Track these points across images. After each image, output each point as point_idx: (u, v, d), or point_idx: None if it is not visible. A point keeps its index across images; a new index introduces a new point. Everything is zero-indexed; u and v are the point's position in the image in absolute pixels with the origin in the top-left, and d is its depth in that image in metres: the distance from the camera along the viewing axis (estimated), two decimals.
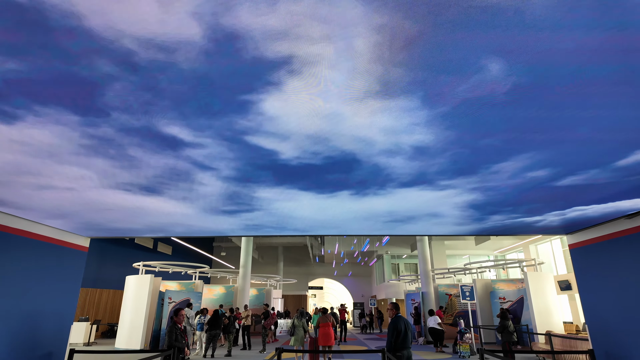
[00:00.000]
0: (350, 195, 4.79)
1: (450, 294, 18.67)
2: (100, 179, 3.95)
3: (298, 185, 4.41)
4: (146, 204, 4.73)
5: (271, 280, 24.56)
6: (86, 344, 14.86)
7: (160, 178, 4.01)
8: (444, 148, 3.37)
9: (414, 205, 5.21)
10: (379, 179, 4.15)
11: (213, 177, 4.01)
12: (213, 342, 11.13)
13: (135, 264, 15.26)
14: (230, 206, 5.03)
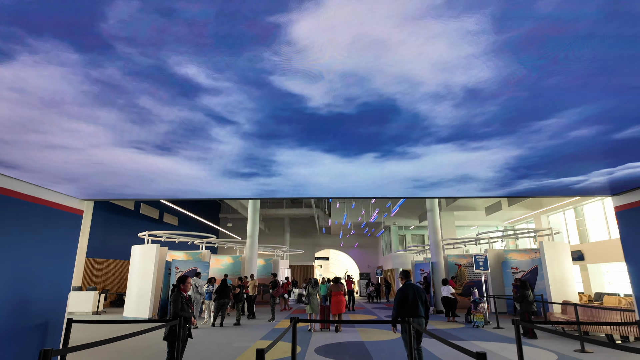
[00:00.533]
0: (374, 158, 4.31)
1: (460, 264, 18.42)
2: (110, 135, 3.46)
3: (322, 146, 3.93)
4: (159, 165, 4.27)
5: (278, 250, 24.48)
6: (95, 313, 14.87)
7: (174, 135, 3.52)
8: (500, 91, 2.79)
9: (443, 169, 4.68)
10: (414, 133, 3.60)
11: (232, 133, 3.50)
12: (222, 311, 10.95)
13: (141, 233, 15.01)
14: (248, 168, 4.58)
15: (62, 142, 3.60)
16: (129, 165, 4.23)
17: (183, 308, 4.45)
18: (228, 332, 9.60)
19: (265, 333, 9.49)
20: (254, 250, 16.52)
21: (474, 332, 9.75)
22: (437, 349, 7.44)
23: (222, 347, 7.58)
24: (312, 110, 3.10)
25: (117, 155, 3.94)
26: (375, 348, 7.46)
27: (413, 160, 4.39)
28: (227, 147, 3.84)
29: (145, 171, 4.44)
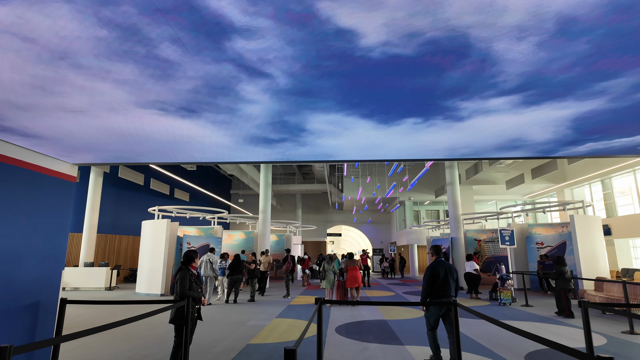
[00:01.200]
0: (413, 124, 3.81)
1: (480, 239, 17.78)
2: (129, 93, 2.96)
3: (361, 110, 3.41)
4: (180, 130, 3.81)
5: (290, 226, 24.09)
6: (107, 289, 14.73)
7: (198, 94, 3.02)
8: (600, 20, 2.06)
9: (492, 131, 3.97)
10: (478, 83, 2.93)
11: (263, 90, 2.98)
12: (235, 287, 10.55)
13: (151, 208, 14.61)
14: (274, 134, 4.06)
15: (77, 105, 3.12)
16: (144, 130, 3.69)
17: (192, 287, 3.88)
18: (242, 309, 9.20)
19: (281, 310, 9.06)
20: (266, 225, 16.07)
21: (503, 310, 9.16)
22: (473, 330, 6.86)
23: (236, 325, 7.13)
24: (362, 53, 2.47)
25: (135, 119, 3.45)
26: (399, 327, 6.93)
27: (458, 124, 3.72)
28: (256, 108, 3.33)
29: (160, 136, 3.89)
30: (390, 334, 6.41)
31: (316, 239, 31.47)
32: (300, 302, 10.69)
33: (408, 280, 19.66)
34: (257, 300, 11.07)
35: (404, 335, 6.24)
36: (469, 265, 11.45)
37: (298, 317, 8.11)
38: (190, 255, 4.08)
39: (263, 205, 16.15)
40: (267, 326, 7.04)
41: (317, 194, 34.24)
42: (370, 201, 27.28)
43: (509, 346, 5.60)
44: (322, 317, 3.84)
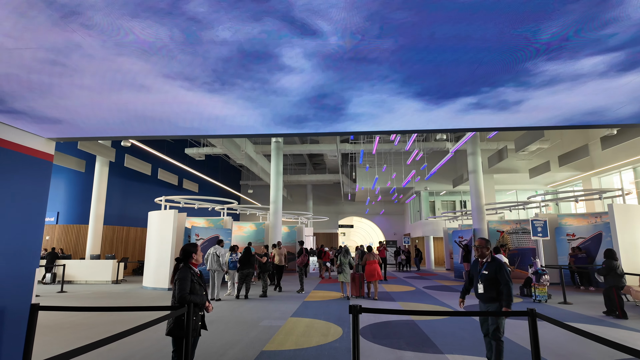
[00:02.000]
0: (468, 106, 3.11)
1: (503, 230, 16.82)
2: (148, 61, 2.42)
3: (415, 88, 2.85)
4: (201, 106, 3.19)
5: (302, 217, 23.38)
6: (114, 282, 14.20)
7: (227, 64, 2.49)
8: None
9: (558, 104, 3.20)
10: (586, 35, 2.15)
11: (310, 55, 2.40)
12: (246, 282, 9.86)
13: (157, 198, 13.97)
14: (308, 115, 3.40)
15: (87, 83, 2.55)
16: (152, 105, 2.98)
17: (194, 289, 3.11)
18: (254, 306, 8.49)
19: (296, 307, 8.32)
20: (277, 216, 15.34)
21: (540, 308, 8.29)
22: (518, 333, 6.01)
23: (248, 326, 6.40)
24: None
25: (150, 93, 2.83)
26: (432, 330, 6.12)
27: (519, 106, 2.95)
28: (295, 80, 2.72)
29: (170, 111, 3.18)
30: (423, 338, 5.61)
31: (327, 231, 30.78)
32: (316, 297, 9.95)
33: (425, 274, 18.83)
34: (269, 295, 10.37)
35: (440, 341, 5.43)
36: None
37: (315, 315, 7.36)
38: (188, 250, 3.29)
39: (274, 196, 15.41)
40: (283, 327, 6.30)
41: (329, 185, 33.45)
42: (385, 192, 26.39)
43: (570, 356, 4.76)
44: (358, 328, 3.04)
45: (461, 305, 4.31)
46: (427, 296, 10.37)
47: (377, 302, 9.11)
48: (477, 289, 3.98)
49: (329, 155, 20.03)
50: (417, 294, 10.78)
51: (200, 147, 19.87)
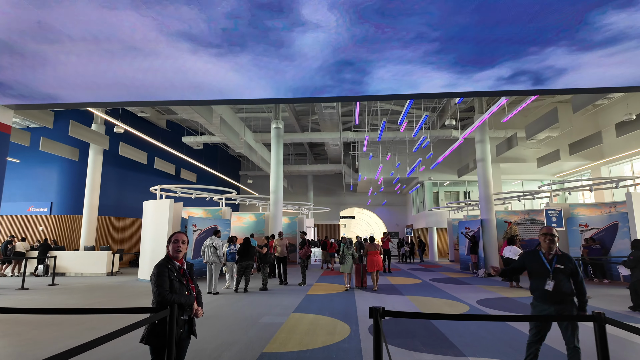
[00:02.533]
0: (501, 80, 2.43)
1: (510, 221, 16.30)
2: (144, 20, 1.98)
3: (448, 56, 2.41)
4: (203, 71, 2.57)
5: (303, 208, 22.85)
6: (109, 274, 13.71)
7: (239, 19, 2.01)
8: None
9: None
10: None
11: (332, 4, 1.92)
12: (245, 274, 9.34)
13: (153, 187, 13.41)
14: (326, 85, 2.78)
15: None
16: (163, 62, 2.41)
17: (173, 287, 2.55)
18: (254, 300, 7.97)
19: (299, 302, 7.80)
20: (278, 207, 14.79)
21: None
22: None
23: (247, 323, 5.87)
24: None
25: (150, 53, 2.20)
26: (448, 328, 5.60)
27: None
28: (316, 38, 2.24)
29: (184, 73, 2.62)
30: (441, 338, 5.08)
31: (328, 222, 30.29)
32: (319, 291, 9.44)
33: (429, 265, 18.35)
34: (270, 288, 9.86)
35: (459, 341, 4.90)
36: (510, 250, 10.04)
37: (320, 311, 6.83)
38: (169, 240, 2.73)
39: (274, 185, 14.83)
40: (285, 325, 5.77)
41: (330, 175, 32.87)
42: (388, 182, 25.82)
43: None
44: (381, 333, 2.49)
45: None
46: (436, 289, 9.87)
47: (383, 296, 8.61)
48: (543, 286, 3.26)
49: (331, 144, 19.44)
50: (425, 287, 10.27)
51: (197, 136, 19.25)
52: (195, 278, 2.87)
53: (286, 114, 19.99)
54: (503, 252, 10.36)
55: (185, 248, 2.74)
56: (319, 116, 16.88)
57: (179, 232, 2.81)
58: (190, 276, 2.76)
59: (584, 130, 19.41)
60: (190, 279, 2.75)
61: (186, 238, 2.77)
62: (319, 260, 20.02)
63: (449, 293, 9.19)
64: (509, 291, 9.46)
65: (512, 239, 10.07)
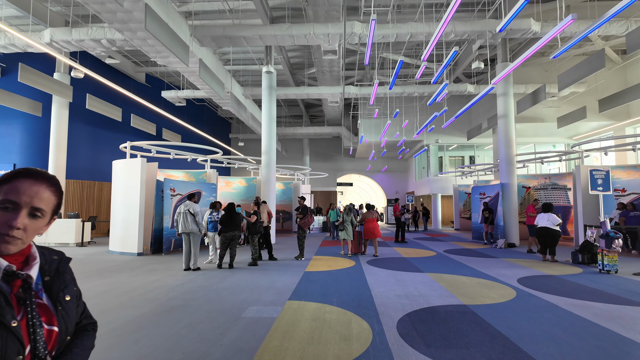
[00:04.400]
0: None
1: (529, 186, 14.72)
2: None
3: None
4: None
5: (298, 173, 21.07)
6: (79, 245, 12.02)
7: None
8: None
9: None
10: None
11: None
12: (231, 247, 7.66)
13: (122, 145, 11.48)
14: None
15: None
16: None
17: None
18: (240, 280, 6.32)
19: (295, 282, 6.16)
20: (270, 170, 12.97)
21: (613, 281, 6.21)
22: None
23: (225, 319, 4.21)
24: None
25: None
26: (500, 321, 3.99)
27: None
28: None
29: None
30: (498, 338, 3.46)
31: (325, 189, 28.64)
32: (320, 266, 7.82)
33: (435, 234, 16.91)
34: (260, 264, 8.23)
35: (530, 345, 3.26)
36: (547, 219, 8.41)
37: (324, 297, 5.19)
38: None
39: (266, 145, 12.94)
40: (278, 321, 4.11)
41: (327, 139, 30.89)
42: (391, 145, 23.96)
43: None
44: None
45: None
46: (458, 264, 8.31)
47: (399, 273, 7.01)
48: None
49: (330, 101, 17.39)
50: (444, 261, 8.70)
51: (179, 90, 17.05)
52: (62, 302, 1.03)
53: (280, 67, 17.76)
54: (536, 221, 8.75)
55: (36, 228, 0.95)
56: (318, 67, 14.75)
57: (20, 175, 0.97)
58: (30, 298, 0.93)
59: (609, 87, 17.50)
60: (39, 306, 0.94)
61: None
62: (316, 229, 18.51)
63: (476, 269, 7.63)
64: (545, 266, 7.92)
65: (547, 206, 8.38)
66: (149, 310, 4.53)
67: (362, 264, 8.28)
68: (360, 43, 14.46)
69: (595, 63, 10.03)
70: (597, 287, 5.83)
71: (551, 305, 4.75)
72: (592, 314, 4.36)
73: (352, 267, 7.72)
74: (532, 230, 10.23)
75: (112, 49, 11.73)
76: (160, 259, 8.96)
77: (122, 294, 5.38)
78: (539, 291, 5.57)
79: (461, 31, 11.08)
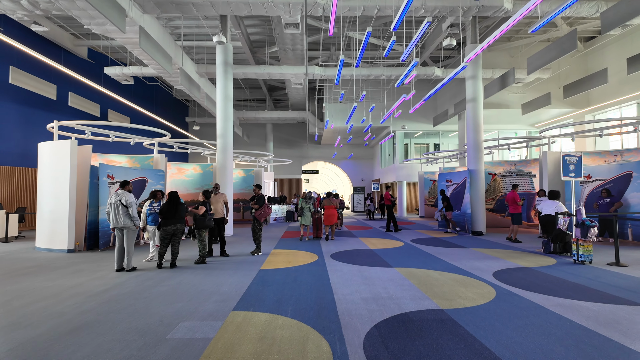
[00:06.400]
0: None
1: (495, 173, 14.52)
2: None
3: None
4: None
5: (260, 160, 19.93)
6: (2, 240, 10.41)
7: None
8: None
9: None
10: None
11: None
12: (173, 243, 6.58)
13: (50, 125, 9.94)
14: None
15: None
16: None
17: None
18: (179, 284, 5.31)
19: (246, 285, 5.25)
20: (227, 155, 11.83)
21: (588, 272, 5.80)
22: None
23: (151, 338, 3.26)
24: None
25: None
26: (484, 331, 3.30)
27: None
28: None
29: None
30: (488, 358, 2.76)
31: (290, 176, 27.66)
32: (278, 262, 6.94)
33: (401, 222, 16.49)
34: (209, 261, 7.22)
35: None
36: (553, 206, 7.90)
37: (278, 304, 4.33)
38: None
39: (222, 127, 11.76)
40: (213, 342, 3.20)
41: (292, 125, 29.80)
42: (356, 132, 23.31)
43: None
44: None
45: None
46: (427, 256, 7.71)
47: (367, 269, 6.27)
48: None
49: (294, 82, 16.31)
50: (412, 253, 8.09)
51: (124, 67, 15.32)
52: None
53: (238, 44, 16.42)
54: (540, 207, 8.37)
55: None
56: (280, 44, 13.62)
57: None
58: None
59: (571, 75, 17.65)
60: None
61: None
62: (280, 218, 17.59)
63: (447, 261, 7.05)
64: (517, 257, 7.48)
65: (554, 193, 7.86)
66: (46, 331, 3.48)
67: (325, 258, 7.49)
68: (325, 17, 13.44)
69: (566, 44, 9.66)
70: (578, 282, 5.35)
71: (537, 307, 4.15)
72: (584, 318, 3.79)
73: (314, 263, 6.90)
74: (517, 219, 9.87)
75: (37, 12, 10.02)
76: (92, 257, 7.72)
77: (22, 307, 4.25)
78: (519, 288, 5.00)
79: (432, 6, 10.36)
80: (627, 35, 15.19)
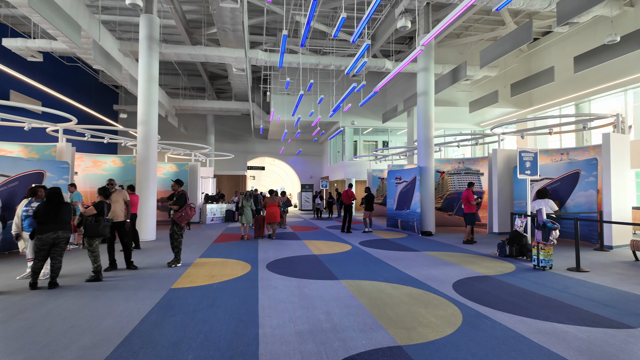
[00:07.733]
0: None
1: (443, 171, 14.14)
2: None
3: None
4: None
5: (197, 153, 18.10)
6: None
7: None
8: None
9: None
10: None
11: None
12: (53, 256, 4.96)
13: None
14: None
15: None
16: None
17: None
18: (48, 315, 3.80)
19: (142, 316, 3.86)
20: (150, 145, 10.13)
21: (548, 279, 5.17)
22: None
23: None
24: None
25: None
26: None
27: None
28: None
29: None
30: None
31: (233, 172, 25.88)
32: (198, 278, 5.57)
33: (359, 222, 15.66)
34: (105, 277, 5.66)
35: None
36: (547, 204, 6.95)
37: (175, 349, 3.04)
38: None
39: (144, 113, 10.03)
40: None
41: (236, 117, 28.00)
42: (305, 126, 22.21)
43: None
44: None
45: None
46: (377, 262, 6.78)
47: (307, 283, 5.14)
48: None
49: (235, 68, 14.78)
50: (361, 259, 7.12)
51: (29, 39, 12.86)
52: None
53: (172, 23, 14.56)
54: (531, 207, 7.60)
55: None
56: (218, 24, 12.07)
57: None
58: None
59: (516, 75, 17.91)
60: None
61: None
62: (218, 218, 15.99)
63: (399, 269, 6.16)
64: (472, 262, 6.78)
65: (542, 192, 7.01)
66: None
67: (259, 268, 6.26)
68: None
69: (521, 36, 9.25)
70: (549, 295, 4.63)
71: (515, 337, 3.26)
72: (577, 352, 2.94)
73: (243, 277, 5.64)
74: (471, 219, 9.23)
75: None
76: None
77: None
78: (487, 307, 4.14)
79: None
80: (572, 36, 15.54)
